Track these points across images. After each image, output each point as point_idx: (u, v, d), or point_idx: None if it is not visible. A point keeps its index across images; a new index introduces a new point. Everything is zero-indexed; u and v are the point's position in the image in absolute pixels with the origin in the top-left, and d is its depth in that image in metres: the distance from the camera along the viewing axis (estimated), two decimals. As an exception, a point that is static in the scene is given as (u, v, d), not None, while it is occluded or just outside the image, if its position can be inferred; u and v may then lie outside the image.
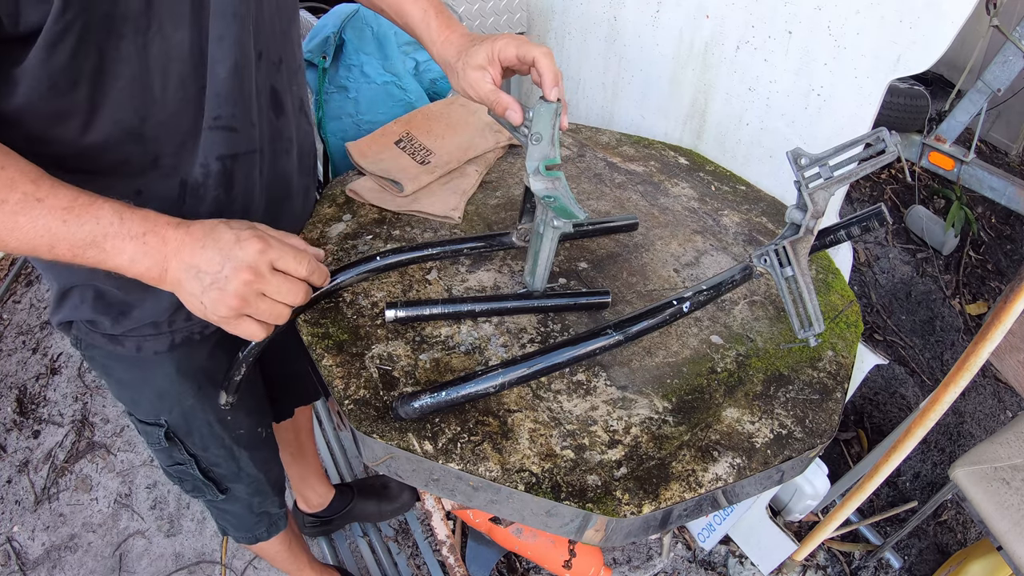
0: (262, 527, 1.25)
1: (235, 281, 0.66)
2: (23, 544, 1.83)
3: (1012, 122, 3.21)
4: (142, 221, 0.67)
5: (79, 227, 0.64)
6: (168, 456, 1.04)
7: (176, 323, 0.90)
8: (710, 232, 1.15)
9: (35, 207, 0.62)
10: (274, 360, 1.20)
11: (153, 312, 0.87)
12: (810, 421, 0.84)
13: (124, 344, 0.90)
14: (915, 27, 1.00)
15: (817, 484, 1.64)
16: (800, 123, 1.24)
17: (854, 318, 1.03)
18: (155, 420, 0.99)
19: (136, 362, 0.92)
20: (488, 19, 1.64)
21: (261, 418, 1.13)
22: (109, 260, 0.66)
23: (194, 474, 1.06)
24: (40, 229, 0.63)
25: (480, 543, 1.64)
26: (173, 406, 0.98)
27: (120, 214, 0.66)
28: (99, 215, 0.65)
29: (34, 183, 0.62)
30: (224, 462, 1.08)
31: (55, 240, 0.64)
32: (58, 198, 0.63)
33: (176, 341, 0.92)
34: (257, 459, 1.12)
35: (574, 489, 0.72)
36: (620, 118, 1.63)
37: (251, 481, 1.14)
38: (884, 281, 2.74)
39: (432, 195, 1.12)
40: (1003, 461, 1.41)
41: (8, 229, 0.62)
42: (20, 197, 0.61)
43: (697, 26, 1.34)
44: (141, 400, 0.98)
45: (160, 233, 0.67)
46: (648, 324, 0.80)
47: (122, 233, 0.65)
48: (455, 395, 0.75)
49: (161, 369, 0.94)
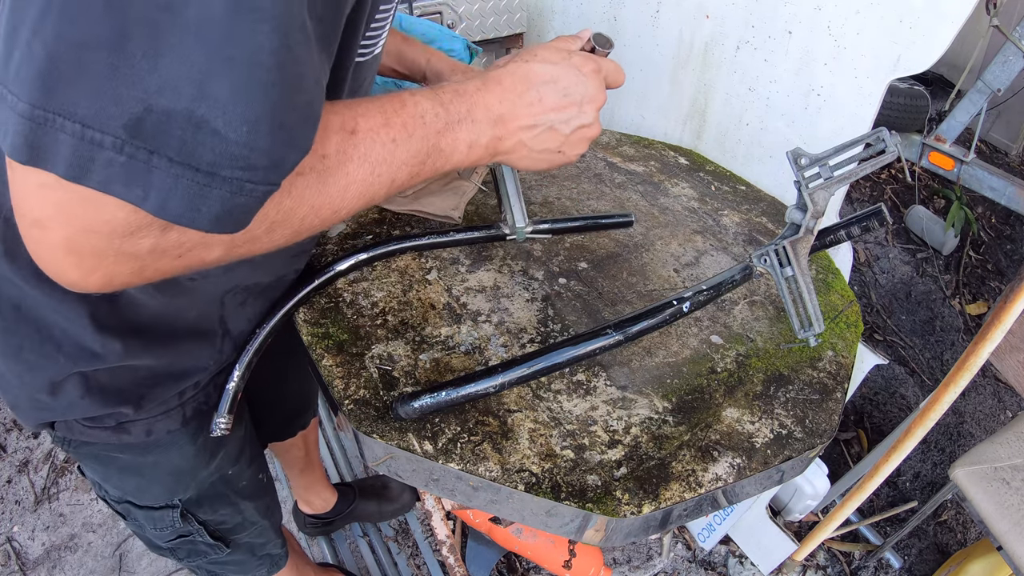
0: (263, 569, 1.19)
1: (592, 116, 0.63)
2: (23, 544, 1.83)
3: (1012, 122, 3.21)
4: (458, 98, 0.57)
5: (409, 139, 0.53)
6: (173, 533, 0.94)
7: (187, 394, 0.81)
8: (710, 232, 1.15)
9: (355, 142, 0.51)
10: (288, 379, 1.18)
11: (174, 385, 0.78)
12: (810, 421, 0.84)
13: (131, 431, 0.77)
14: (915, 27, 1.00)
15: (817, 484, 1.64)
16: (800, 123, 1.24)
17: (854, 318, 1.03)
18: (167, 503, 0.89)
19: (146, 447, 0.81)
20: (488, 19, 1.64)
21: (261, 465, 1.08)
22: (447, 161, 0.58)
23: (201, 540, 0.97)
24: (375, 166, 0.52)
25: (480, 543, 1.64)
26: (190, 483, 0.89)
27: (439, 101, 0.56)
28: (421, 114, 0.55)
29: (333, 112, 0.50)
30: (230, 517, 1.01)
31: (394, 170, 0.53)
32: (367, 117, 0.52)
33: (188, 415, 0.82)
34: (260, 507, 1.06)
35: (574, 489, 0.72)
36: (620, 118, 1.63)
37: (255, 528, 1.08)
38: (884, 281, 2.74)
39: (432, 195, 1.12)
40: (1003, 461, 1.41)
41: (341, 188, 0.50)
42: (337, 141, 0.50)
43: (697, 26, 1.34)
44: (151, 485, 0.87)
45: (480, 102, 0.58)
46: (648, 324, 0.80)
47: (451, 122, 0.56)
48: (455, 395, 0.74)
49: (177, 448, 0.83)
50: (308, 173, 0.48)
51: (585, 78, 0.63)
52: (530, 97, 0.61)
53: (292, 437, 1.38)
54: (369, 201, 0.54)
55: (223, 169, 0.37)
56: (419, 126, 0.55)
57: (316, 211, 0.50)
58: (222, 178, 0.38)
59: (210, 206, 0.38)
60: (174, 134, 0.36)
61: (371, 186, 0.53)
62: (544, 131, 0.62)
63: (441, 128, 0.56)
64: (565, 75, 0.62)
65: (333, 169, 0.49)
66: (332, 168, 0.49)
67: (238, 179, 0.38)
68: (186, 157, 0.36)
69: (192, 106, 0.35)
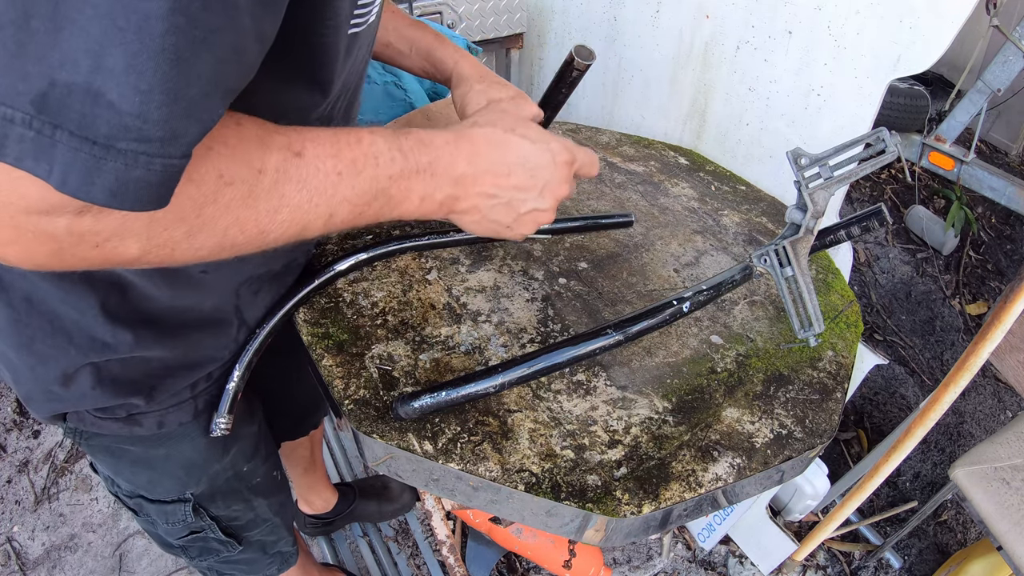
0: (274, 567, 1.18)
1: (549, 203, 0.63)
2: (23, 544, 1.83)
3: (1012, 122, 3.21)
4: (422, 147, 0.56)
5: (356, 177, 0.51)
6: (184, 528, 0.94)
7: (199, 386, 0.81)
8: (710, 232, 1.15)
9: (298, 166, 0.49)
10: (300, 376, 1.18)
11: (186, 376, 0.77)
12: (810, 421, 0.84)
13: (143, 423, 0.77)
14: (915, 27, 1.00)
15: (817, 484, 1.64)
16: (800, 123, 1.24)
17: (854, 318, 1.03)
18: (179, 496, 0.89)
19: (158, 439, 0.81)
20: (488, 19, 1.64)
21: (276, 462, 1.06)
22: (395, 209, 0.56)
23: (213, 537, 0.96)
24: (312, 195, 0.49)
25: (480, 543, 1.64)
26: (202, 476, 0.88)
27: (398, 146, 0.54)
28: (375, 154, 0.53)
29: (280, 132, 0.48)
30: (242, 514, 1.00)
31: (332, 204, 0.51)
32: (317, 143, 0.50)
33: (200, 407, 0.82)
34: (274, 504, 1.06)
35: (574, 489, 0.72)
36: (620, 118, 1.63)
37: (267, 525, 1.08)
38: (884, 281, 2.74)
39: (432, 195, 1.12)
40: (1003, 461, 1.41)
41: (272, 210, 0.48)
42: (278, 159, 0.48)
43: (697, 26, 1.34)
44: (163, 478, 0.87)
45: (445, 156, 0.57)
46: (648, 324, 0.80)
47: (407, 170, 0.55)
48: (455, 395, 0.74)
49: (189, 440, 0.83)
50: (239, 184, 0.47)
51: (556, 168, 0.64)
52: (500, 168, 0.61)
53: (305, 436, 1.39)
54: (301, 230, 0.52)
55: (118, 141, 0.37)
56: (370, 166, 0.53)
57: (241, 225, 0.48)
58: (117, 150, 0.37)
59: (104, 179, 0.38)
60: (75, 108, 0.36)
61: (306, 214, 0.51)
62: (502, 204, 0.63)
63: (395, 174, 0.55)
64: (539, 157, 0.62)
65: (268, 187, 0.48)
66: (267, 186, 0.48)
67: (133, 151, 0.38)
68: (84, 130, 0.36)
69: (90, 79, 0.35)
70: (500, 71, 1.81)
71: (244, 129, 0.47)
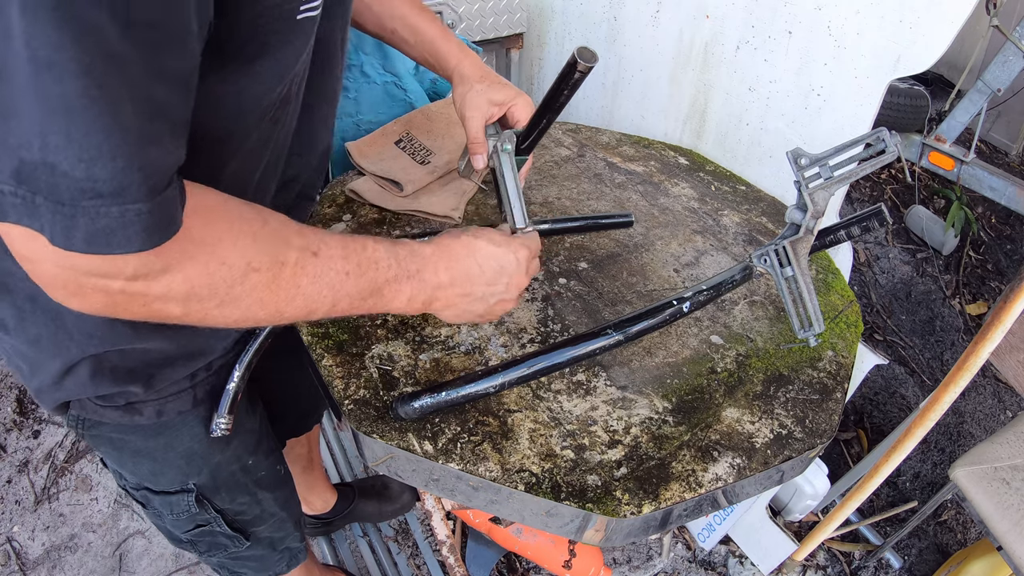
0: (283, 563, 1.19)
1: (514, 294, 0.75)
2: (23, 544, 1.83)
3: (1012, 122, 3.21)
4: (413, 257, 0.66)
5: (360, 277, 0.61)
6: (190, 521, 0.95)
7: (198, 376, 0.83)
8: (710, 232, 1.15)
9: (314, 263, 0.58)
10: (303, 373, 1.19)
11: (185, 366, 0.80)
12: (810, 421, 0.84)
13: (143, 412, 0.80)
14: (915, 27, 1.00)
15: (817, 484, 1.64)
16: (800, 123, 1.24)
17: (854, 318, 1.03)
18: (182, 487, 0.91)
19: (157, 429, 0.83)
20: (488, 19, 1.64)
21: (279, 457, 1.09)
22: (386, 306, 0.65)
23: (220, 531, 0.98)
24: (323, 288, 0.58)
25: (480, 543, 1.64)
26: (203, 466, 0.90)
27: (395, 255, 0.64)
28: (376, 260, 0.63)
29: (300, 234, 0.57)
30: (248, 508, 1.01)
31: (337, 296, 0.60)
32: (329, 246, 0.59)
33: (199, 396, 0.84)
34: (279, 498, 1.07)
35: (574, 489, 0.72)
36: (620, 118, 1.63)
37: (274, 520, 1.08)
38: (884, 281, 2.74)
39: (432, 195, 1.12)
40: (1003, 461, 1.41)
41: (288, 298, 0.57)
42: (297, 255, 0.57)
43: (697, 26, 1.34)
44: (165, 469, 0.88)
45: (430, 266, 0.68)
46: (648, 324, 0.80)
47: (400, 275, 0.65)
48: (455, 395, 0.75)
49: (188, 429, 0.85)
50: (264, 272, 0.55)
51: (519, 264, 0.75)
52: (473, 270, 0.72)
53: (308, 432, 1.39)
54: (309, 314, 0.61)
55: (80, 201, 0.44)
56: (371, 269, 0.63)
57: (262, 305, 0.57)
58: (82, 208, 0.44)
59: (79, 232, 0.45)
60: (41, 179, 0.43)
61: (315, 303, 0.60)
62: (475, 299, 0.73)
63: (390, 278, 0.65)
64: (504, 257, 0.74)
65: (287, 278, 0.57)
66: (287, 277, 0.57)
67: (94, 206, 0.44)
68: (53, 196, 0.43)
69: (42, 156, 0.42)
70: (500, 71, 1.81)
71: (269, 227, 0.56)
